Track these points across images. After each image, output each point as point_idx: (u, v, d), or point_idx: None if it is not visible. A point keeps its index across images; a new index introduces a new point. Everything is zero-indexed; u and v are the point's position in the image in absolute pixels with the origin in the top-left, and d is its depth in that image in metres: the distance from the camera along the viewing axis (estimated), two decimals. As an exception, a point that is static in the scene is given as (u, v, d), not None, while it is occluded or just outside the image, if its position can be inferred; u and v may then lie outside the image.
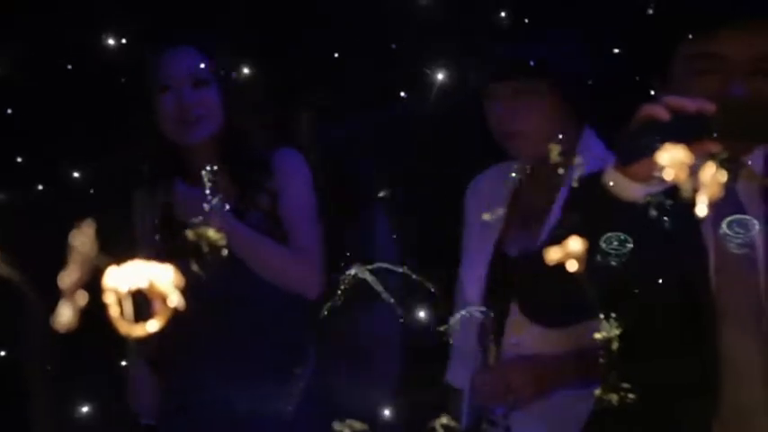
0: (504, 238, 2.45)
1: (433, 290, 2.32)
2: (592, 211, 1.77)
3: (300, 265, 2.77)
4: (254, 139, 2.83)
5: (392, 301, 2.17)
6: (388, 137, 3.22)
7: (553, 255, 1.19)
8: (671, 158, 1.16)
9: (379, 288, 2.12)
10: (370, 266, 2.13)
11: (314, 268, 2.77)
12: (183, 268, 1.32)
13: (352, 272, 2.11)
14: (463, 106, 2.94)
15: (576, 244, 1.17)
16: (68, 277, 0.97)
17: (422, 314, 2.75)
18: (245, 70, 2.96)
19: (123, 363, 2.83)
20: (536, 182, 2.48)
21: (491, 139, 2.53)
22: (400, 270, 2.14)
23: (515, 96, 2.43)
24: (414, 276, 2.18)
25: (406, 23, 3.20)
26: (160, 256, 2.51)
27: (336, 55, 3.27)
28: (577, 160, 2.30)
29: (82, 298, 0.99)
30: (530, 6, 3.12)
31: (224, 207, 2.62)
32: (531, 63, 2.41)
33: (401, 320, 2.60)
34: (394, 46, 3.28)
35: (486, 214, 2.44)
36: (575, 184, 1.86)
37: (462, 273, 2.54)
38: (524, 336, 2.36)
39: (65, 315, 0.96)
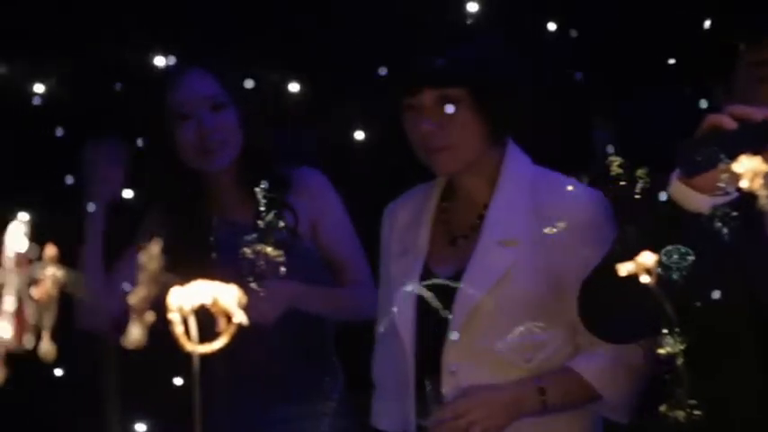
0: (431, 259, 2.30)
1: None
2: (655, 224, 1.73)
3: (362, 300, 2.70)
4: (273, 157, 2.77)
5: (450, 317, 2.14)
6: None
7: (626, 268, 1.16)
8: (747, 168, 1.13)
9: (436, 304, 2.10)
10: (427, 282, 2.11)
11: (373, 297, 2.66)
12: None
13: (409, 288, 2.09)
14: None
15: (648, 257, 1.14)
16: (137, 295, 0.95)
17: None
18: (260, 87, 2.89)
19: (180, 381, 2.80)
20: (461, 199, 2.34)
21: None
22: (456, 286, 2.12)
23: (438, 107, 2.25)
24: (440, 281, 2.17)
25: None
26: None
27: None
28: (504, 176, 2.28)
29: (150, 316, 0.97)
30: (449, 9, 3.03)
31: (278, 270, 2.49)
32: (458, 68, 2.25)
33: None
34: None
35: (407, 240, 2.33)
36: (636, 196, 1.82)
37: (384, 300, 2.36)
38: (463, 362, 2.20)
39: (134, 333, 0.95)
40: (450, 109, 2.21)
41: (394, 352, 2.26)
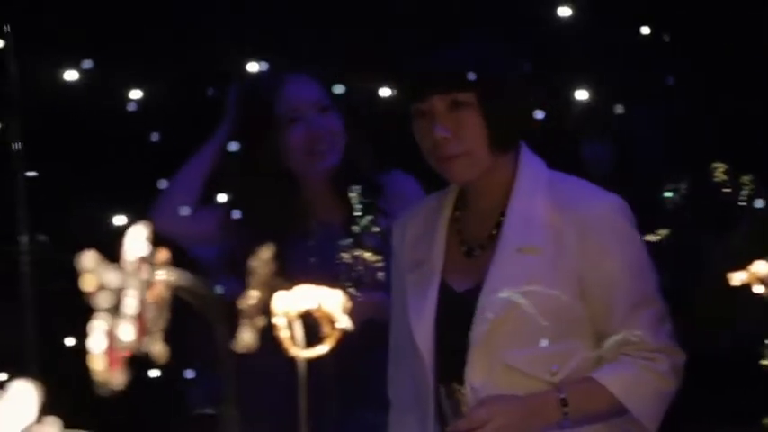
0: (447, 272, 2.19)
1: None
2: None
3: None
4: (368, 160, 2.75)
5: (545, 324, 2.11)
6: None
7: (739, 277, 1.14)
8: None
9: (532, 311, 2.06)
10: (522, 289, 2.08)
11: None
12: None
13: (504, 294, 2.06)
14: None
15: (762, 266, 1.12)
16: (248, 300, 0.96)
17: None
18: (356, 92, 2.88)
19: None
20: (475, 209, 2.23)
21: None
22: (551, 293, 2.09)
23: (449, 113, 2.16)
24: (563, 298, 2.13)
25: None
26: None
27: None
28: (520, 182, 2.19)
29: (261, 320, 0.98)
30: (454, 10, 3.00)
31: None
32: (471, 72, 2.12)
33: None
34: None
35: (420, 252, 2.23)
36: (741, 203, 1.78)
37: (398, 317, 2.26)
38: (486, 377, 2.09)
39: (246, 337, 0.96)
40: (465, 113, 2.13)
41: (412, 366, 2.20)
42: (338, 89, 2.76)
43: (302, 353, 1.18)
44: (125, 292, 0.79)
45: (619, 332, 2.10)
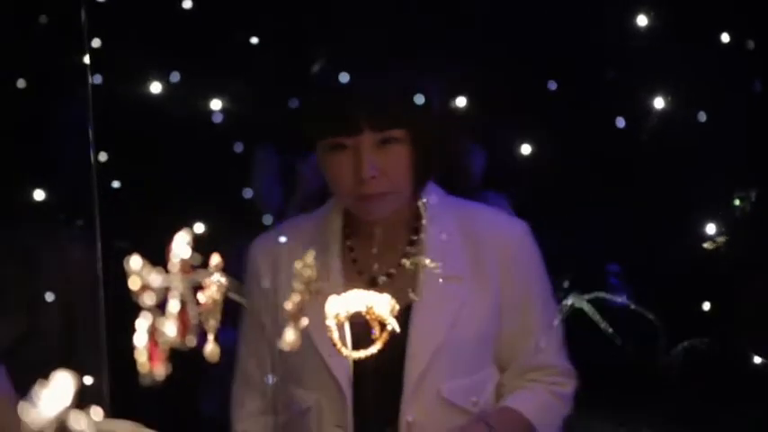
0: None
1: (654, 321, 2.26)
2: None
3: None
4: (466, 178, 2.70)
5: (611, 331, 2.14)
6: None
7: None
8: None
9: (596, 318, 2.09)
10: (588, 296, 2.10)
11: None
12: None
13: (570, 302, 2.09)
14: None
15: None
16: (292, 301, 1.02)
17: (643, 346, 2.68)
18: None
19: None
20: (376, 238, 2.10)
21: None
22: (619, 300, 2.11)
23: (377, 149, 2.03)
24: (634, 307, 2.14)
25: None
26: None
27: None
28: (429, 212, 2.09)
29: (305, 321, 1.04)
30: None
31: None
32: (408, 107, 2.01)
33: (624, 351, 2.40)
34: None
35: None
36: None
37: (255, 343, 2.16)
38: (422, 412, 2.07)
39: (290, 336, 1.02)
40: (393, 150, 2.02)
41: (307, 398, 2.12)
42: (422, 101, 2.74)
43: (352, 354, 1.24)
44: (170, 293, 0.85)
45: (529, 357, 2.13)
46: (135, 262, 0.82)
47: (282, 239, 2.15)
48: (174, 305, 0.84)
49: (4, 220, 2.53)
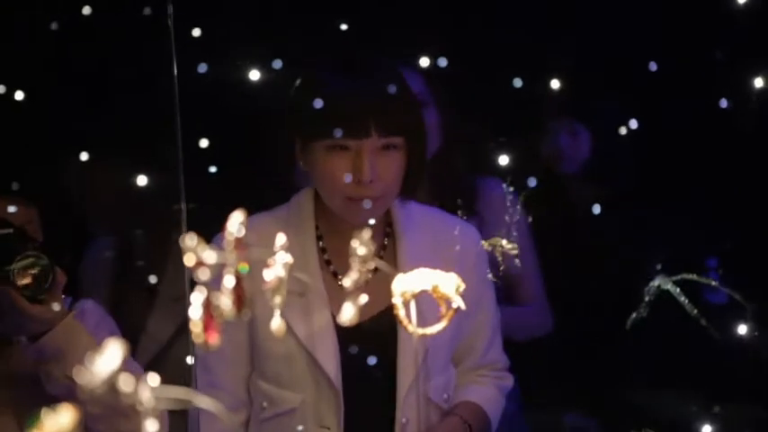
0: (330, 303, 2.14)
1: (745, 304, 2.24)
2: None
3: (540, 317, 2.77)
4: (461, 162, 2.71)
5: (696, 312, 2.13)
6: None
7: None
8: None
9: (682, 300, 2.08)
10: (674, 278, 2.10)
11: (549, 315, 2.74)
12: None
13: (656, 283, 2.09)
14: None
15: None
16: (350, 278, 1.07)
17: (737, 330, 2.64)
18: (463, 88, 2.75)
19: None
20: (349, 240, 2.09)
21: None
22: (705, 282, 2.10)
23: (378, 154, 2.10)
24: (723, 289, 2.13)
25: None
26: None
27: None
28: (400, 218, 2.19)
29: (363, 297, 1.09)
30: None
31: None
32: (411, 114, 2.12)
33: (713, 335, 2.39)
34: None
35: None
36: None
37: (268, 359, 2.18)
38: (414, 411, 2.15)
39: (348, 312, 1.06)
40: (391, 155, 2.10)
41: (309, 402, 2.16)
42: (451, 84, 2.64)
43: (418, 330, 1.28)
44: (225, 269, 0.91)
45: (481, 354, 2.27)
46: (190, 239, 0.87)
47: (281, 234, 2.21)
48: (229, 280, 0.90)
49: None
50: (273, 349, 2.18)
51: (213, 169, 2.83)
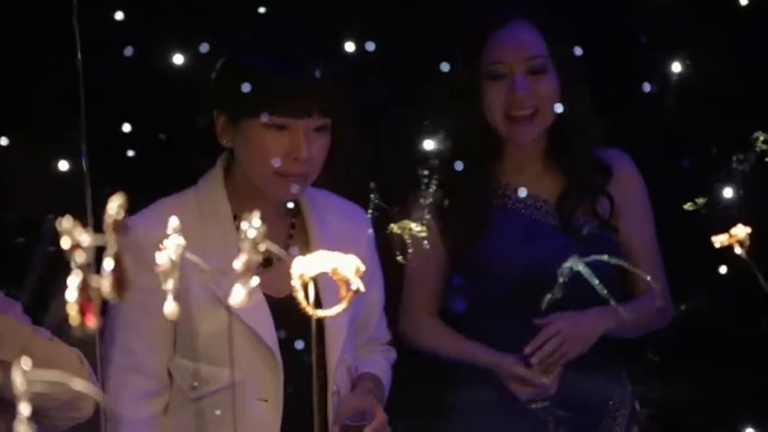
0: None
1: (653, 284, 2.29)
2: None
3: (664, 310, 2.55)
4: (591, 133, 2.48)
5: (606, 292, 2.16)
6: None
7: (719, 239, 1.19)
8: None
9: (594, 281, 2.11)
10: (586, 259, 2.12)
11: (669, 302, 2.56)
12: None
13: (569, 264, 2.11)
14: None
15: (741, 229, 1.17)
16: (240, 261, 1.07)
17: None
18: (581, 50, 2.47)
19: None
20: (265, 220, 2.17)
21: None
22: (616, 263, 2.13)
23: (310, 134, 2.18)
24: (629, 267, 2.17)
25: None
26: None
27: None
28: (310, 196, 2.28)
29: (254, 280, 1.09)
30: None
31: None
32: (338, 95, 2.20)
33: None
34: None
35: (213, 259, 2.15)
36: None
37: (198, 338, 2.19)
38: (342, 381, 2.26)
39: (238, 295, 1.07)
40: (321, 139, 2.18)
41: (248, 378, 2.20)
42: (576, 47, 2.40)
43: (316, 312, 1.29)
44: (105, 252, 0.92)
45: (373, 330, 2.35)
46: (66, 222, 0.88)
47: (161, 217, 2.23)
48: (107, 263, 0.90)
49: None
50: (205, 327, 2.19)
51: (131, 153, 2.82)
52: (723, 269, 2.80)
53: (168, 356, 2.25)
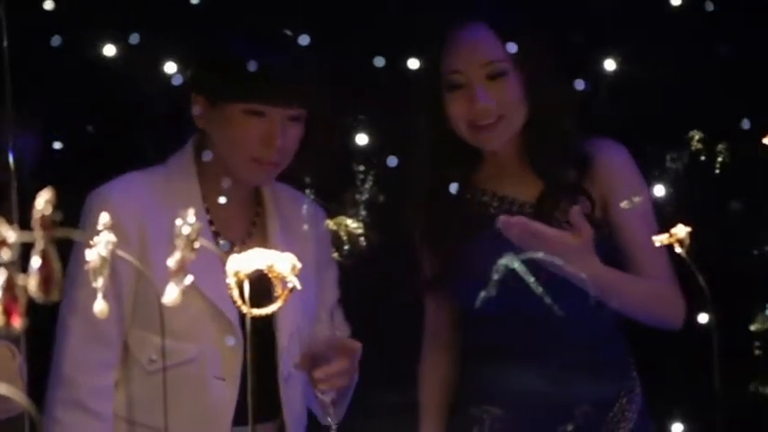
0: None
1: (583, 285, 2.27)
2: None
3: (675, 301, 2.33)
4: (566, 128, 2.35)
5: (541, 290, 2.15)
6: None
7: (659, 239, 1.19)
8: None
9: (529, 279, 2.10)
10: (521, 256, 2.11)
11: (679, 297, 2.31)
12: None
13: (504, 261, 2.10)
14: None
15: (681, 229, 1.17)
16: (174, 258, 1.04)
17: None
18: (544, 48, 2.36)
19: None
20: (232, 205, 2.28)
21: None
22: (549, 261, 2.12)
23: (285, 123, 2.21)
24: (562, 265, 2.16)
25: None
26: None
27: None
28: (271, 192, 2.30)
29: (188, 279, 1.06)
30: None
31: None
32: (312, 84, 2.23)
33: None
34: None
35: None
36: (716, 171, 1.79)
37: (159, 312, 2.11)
38: (293, 360, 2.24)
39: (172, 293, 1.04)
40: (296, 129, 2.21)
41: (207, 354, 2.20)
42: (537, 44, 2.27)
43: (252, 311, 1.26)
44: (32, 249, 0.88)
45: (324, 318, 2.31)
46: (-10, 218, 0.84)
47: (130, 191, 2.23)
48: (35, 260, 0.87)
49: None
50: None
51: (58, 146, 2.77)
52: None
53: (126, 328, 2.24)
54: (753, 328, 1.81)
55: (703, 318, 2.62)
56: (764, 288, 1.98)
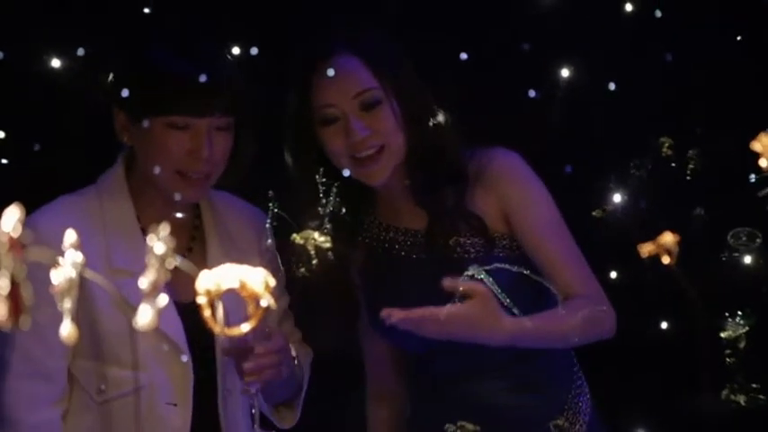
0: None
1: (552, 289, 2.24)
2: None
3: (606, 316, 2.19)
4: (442, 151, 2.25)
5: (508, 301, 2.14)
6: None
7: (646, 249, 1.15)
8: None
9: (495, 289, 2.08)
10: (487, 267, 2.09)
11: (609, 311, 2.19)
12: None
13: (470, 272, 2.08)
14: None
15: (669, 237, 1.14)
16: (147, 279, 0.98)
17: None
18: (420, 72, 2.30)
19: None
20: (169, 221, 2.21)
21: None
22: (515, 270, 2.10)
23: (211, 133, 2.16)
24: (531, 275, 2.14)
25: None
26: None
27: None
28: (210, 206, 2.27)
29: (162, 300, 1.00)
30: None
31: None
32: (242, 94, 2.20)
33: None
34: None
35: (120, 261, 2.12)
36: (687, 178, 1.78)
37: (105, 341, 2.13)
38: (235, 381, 2.19)
39: (147, 316, 0.98)
40: (222, 139, 2.17)
41: (157, 380, 2.16)
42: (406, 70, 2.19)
43: (225, 331, 1.21)
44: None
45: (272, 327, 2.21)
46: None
47: (58, 217, 2.16)
48: (3, 286, 0.81)
49: None
50: (110, 328, 2.14)
51: (4, 161, 2.70)
52: (613, 274, 2.80)
53: (69, 359, 2.18)
54: (724, 335, 1.79)
55: (664, 325, 2.62)
56: (735, 295, 1.98)
